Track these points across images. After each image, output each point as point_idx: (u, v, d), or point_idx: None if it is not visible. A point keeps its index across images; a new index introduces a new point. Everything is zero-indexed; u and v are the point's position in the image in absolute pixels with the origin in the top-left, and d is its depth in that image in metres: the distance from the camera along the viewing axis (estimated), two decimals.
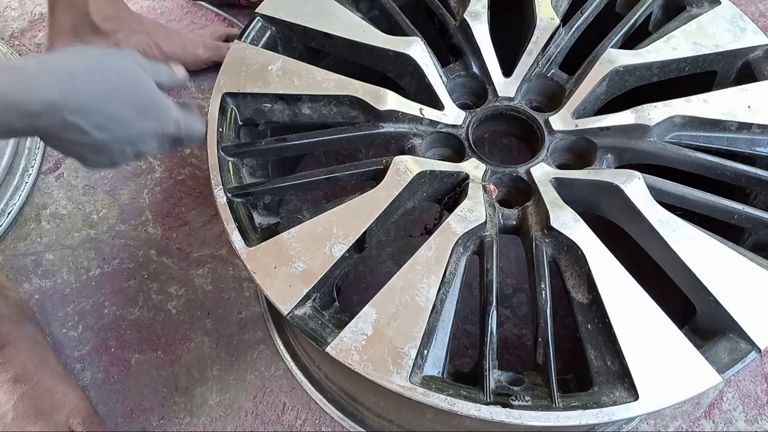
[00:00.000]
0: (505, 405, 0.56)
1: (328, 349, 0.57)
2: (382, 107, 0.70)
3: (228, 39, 1.19)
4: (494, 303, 0.59)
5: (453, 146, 0.72)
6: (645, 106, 0.69)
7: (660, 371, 0.56)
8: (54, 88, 0.49)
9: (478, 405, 0.56)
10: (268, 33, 0.80)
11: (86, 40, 1.00)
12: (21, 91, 0.47)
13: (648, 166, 0.68)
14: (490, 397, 0.56)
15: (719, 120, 0.69)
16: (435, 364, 0.59)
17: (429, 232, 0.63)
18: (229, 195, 0.66)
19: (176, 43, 1.11)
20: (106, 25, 1.00)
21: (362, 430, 0.83)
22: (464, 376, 0.61)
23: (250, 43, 0.78)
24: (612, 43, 0.74)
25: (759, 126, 0.69)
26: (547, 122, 0.71)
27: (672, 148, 0.68)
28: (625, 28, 0.76)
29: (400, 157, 0.66)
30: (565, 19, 0.77)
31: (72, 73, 0.50)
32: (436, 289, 0.59)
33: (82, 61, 0.52)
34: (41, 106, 0.48)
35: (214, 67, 1.15)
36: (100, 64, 0.53)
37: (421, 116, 0.71)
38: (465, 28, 0.76)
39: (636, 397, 0.55)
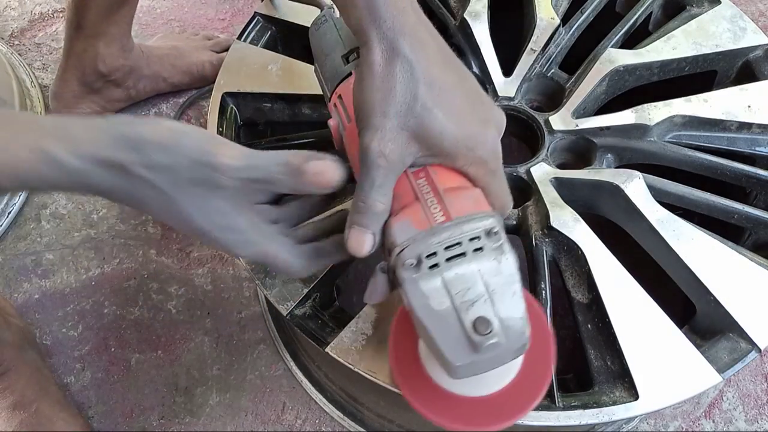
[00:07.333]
0: None
1: (328, 349, 0.57)
2: None
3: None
4: None
5: None
6: (645, 105, 0.69)
7: (660, 371, 0.56)
8: None
9: None
10: (268, 33, 0.80)
11: (94, 87, 1.03)
12: None
13: (648, 166, 0.68)
14: None
15: (719, 120, 0.69)
16: None
17: None
18: None
19: (181, 69, 1.12)
20: (115, 74, 1.03)
21: (362, 429, 0.83)
22: None
23: (249, 42, 0.78)
24: (612, 43, 0.74)
25: (759, 126, 0.69)
26: (547, 122, 0.71)
27: (672, 147, 0.68)
28: (625, 28, 0.76)
29: None
30: (565, 19, 0.77)
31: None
32: None
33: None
34: None
35: None
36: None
37: None
38: (465, 28, 0.75)
39: (636, 396, 0.55)
